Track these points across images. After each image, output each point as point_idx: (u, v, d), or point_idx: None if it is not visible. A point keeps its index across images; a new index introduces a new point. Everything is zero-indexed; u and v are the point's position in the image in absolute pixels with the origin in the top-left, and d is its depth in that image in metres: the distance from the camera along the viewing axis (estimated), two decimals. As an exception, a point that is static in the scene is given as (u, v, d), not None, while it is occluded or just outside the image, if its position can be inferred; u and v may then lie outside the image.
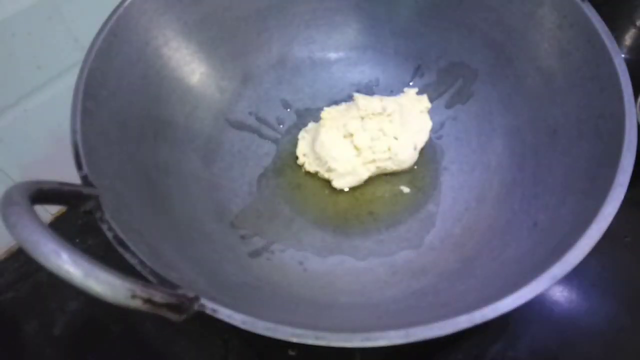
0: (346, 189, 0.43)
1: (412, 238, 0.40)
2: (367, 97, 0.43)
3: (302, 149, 0.44)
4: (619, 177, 0.29)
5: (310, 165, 0.43)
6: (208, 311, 0.24)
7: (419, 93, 0.46)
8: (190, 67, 0.43)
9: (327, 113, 0.43)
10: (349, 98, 0.48)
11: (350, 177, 0.42)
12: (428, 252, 0.39)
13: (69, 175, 0.29)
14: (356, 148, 0.42)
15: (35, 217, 0.21)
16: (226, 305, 0.24)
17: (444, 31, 0.46)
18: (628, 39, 0.53)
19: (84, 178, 0.29)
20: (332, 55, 0.50)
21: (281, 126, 0.48)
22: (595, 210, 0.28)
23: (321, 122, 0.43)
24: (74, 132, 0.30)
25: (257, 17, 0.46)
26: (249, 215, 0.41)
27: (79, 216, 0.27)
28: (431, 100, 0.45)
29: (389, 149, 0.42)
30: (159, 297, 0.22)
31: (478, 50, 0.44)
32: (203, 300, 0.24)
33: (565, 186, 0.34)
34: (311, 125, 0.46)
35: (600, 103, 0.34)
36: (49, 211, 0.48)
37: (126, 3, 0.37)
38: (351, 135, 0.42)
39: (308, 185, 0.44)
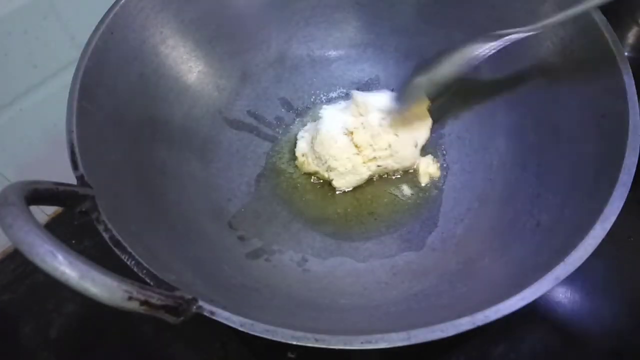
0: (346, 189, 0.43)
1: (414, 239, 0.40)
2: (367, 94, 0.43)
3: (302, 149, 0.44)
4: (623, 177, 0.28)
5: (310, 165, 0.43)
6: (206, 313, 0.24)
7: (420, 91, 0.45)
8: (188, 65, 0.43)
9: (327, 111, 0.43)
10: (349, 97, 0.47)
11: (350, 176, 0.42)
12: (429, 253, 0.38)
13: (65, 175, 0.29)
14: (356, 146, 0.41)
15: (31, 218, 0.20)
16: (224, 308, 0.24)
17: (445, 28, 0.45)
18: (631, 37, 0.53)
19: (80, 178, 0.28)
20: (332, 53, 0.49)
21: (280, 125, 0.47)
22: (599, 210, 0.27)
23: (320, 120, 0.43)
24: (69, 131, 0.30)
25: (256, 15, 0.46)
26: (247, 215, 0.41)
27: (75, 217, 0.27)
28: (432, 98, 0.45)
29: (390, 146, 0.41)
30: (156, 299, 0.22)
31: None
32: (201, 302, 0.24)
33: (568, 186, 0.33)
34: (310, 124, 0.45)
35: (603, 102, 0.33)
36: (44, 212, 0.48)
37: (122, 1, 0.36)
38: (351, 133, 0.41)
39: (307, 186, 0.44)
